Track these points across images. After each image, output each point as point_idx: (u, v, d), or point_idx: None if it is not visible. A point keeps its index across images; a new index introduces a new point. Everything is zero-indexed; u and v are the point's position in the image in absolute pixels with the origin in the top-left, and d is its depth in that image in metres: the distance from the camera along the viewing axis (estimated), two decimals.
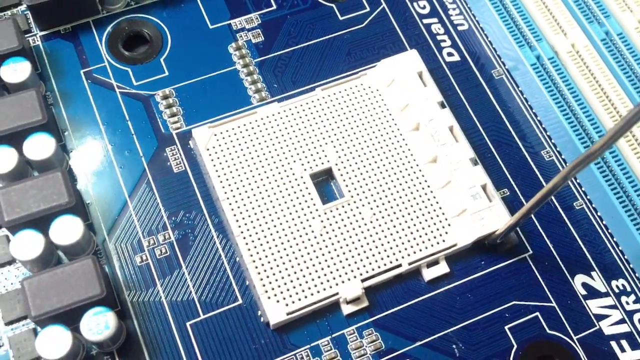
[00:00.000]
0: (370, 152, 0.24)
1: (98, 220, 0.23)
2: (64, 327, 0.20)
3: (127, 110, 0.25)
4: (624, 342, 0.22)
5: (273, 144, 0.23)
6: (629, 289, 0.23)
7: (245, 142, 0.23)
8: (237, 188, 0.23)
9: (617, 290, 0.23)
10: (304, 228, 0.22)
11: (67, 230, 0.21)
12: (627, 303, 0.23)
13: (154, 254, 0.22)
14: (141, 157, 0.24)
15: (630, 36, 0.26)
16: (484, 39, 0.27)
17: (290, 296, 0.21)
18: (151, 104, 0.25)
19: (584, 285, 0.23)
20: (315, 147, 0.24)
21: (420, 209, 0.23)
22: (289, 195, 0.23)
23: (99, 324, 0.20)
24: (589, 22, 0.26)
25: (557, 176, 0.18)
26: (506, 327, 0.22)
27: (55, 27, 0.26)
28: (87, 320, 0.20)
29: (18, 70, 0.24)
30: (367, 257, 0.22)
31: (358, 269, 0.22)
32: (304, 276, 0.22)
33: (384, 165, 0.23)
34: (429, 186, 0.23)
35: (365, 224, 0.23)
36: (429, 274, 0.23)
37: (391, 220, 0.23)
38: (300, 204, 0.23)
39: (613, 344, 0.22)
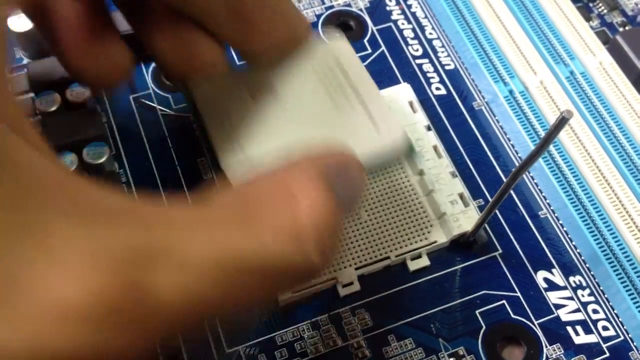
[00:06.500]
0: None
1: None
2: None
3: (166, 127, 0.30)
4: (578, 328, 0.26)
5: None
6: (584, 284, 0.27)
7: None
8: None
9: (574, 285, 0.27)
10: None
11: None
12: (582, 296, 0.27)
13: None
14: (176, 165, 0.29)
15: (592, 75, 0.31)
16: (467, 77, 0.32)
17: None
18: (186, 125, 0.30)
19: (545, 279, 0.27)
20: None
21: (407, 212, 0.27)
22: None
23: None
24: (555, 63, 0.31)
25: (507, 179, 0.23)
26: (477, 312, 0.26)
27: None
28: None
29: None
30: (362, 249, 0.27)
31: (353, 258, 0.26)
32: None
33: (379, 174, 0.28)
34: (415, 193, 0.28)
35: (361, 222, 0.27)
36: (413, 266, 0.27)
37: (382, 220, 0.27)
38: None
39: (569, 328, 0.26)
